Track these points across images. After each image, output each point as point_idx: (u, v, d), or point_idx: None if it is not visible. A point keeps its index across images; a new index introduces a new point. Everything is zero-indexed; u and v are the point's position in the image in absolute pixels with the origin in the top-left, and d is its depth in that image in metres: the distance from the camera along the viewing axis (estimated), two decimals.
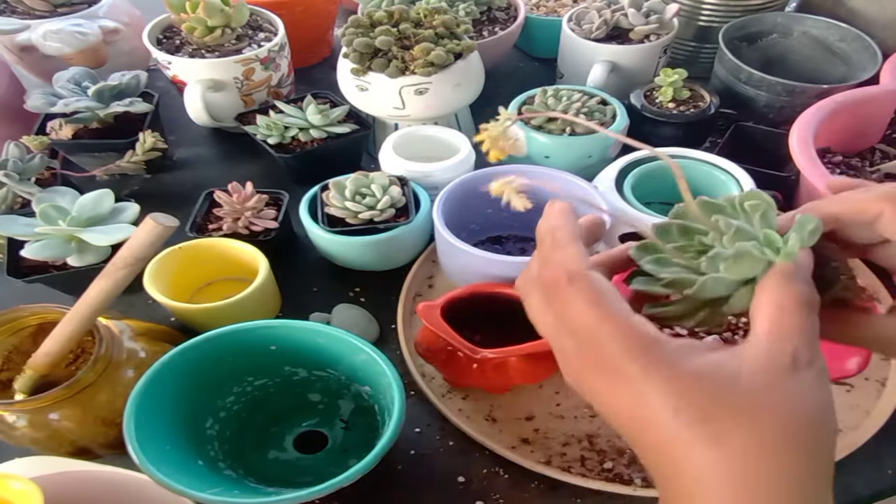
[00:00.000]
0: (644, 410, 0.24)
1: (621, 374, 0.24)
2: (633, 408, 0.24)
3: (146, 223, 0.43)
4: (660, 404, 0.23)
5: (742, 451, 0.23)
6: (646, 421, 0.24)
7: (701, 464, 0.23)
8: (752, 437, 0.23)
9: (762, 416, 0.23)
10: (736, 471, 0.23)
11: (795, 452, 0.23)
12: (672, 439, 0.23)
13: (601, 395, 0.26)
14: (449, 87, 0.65)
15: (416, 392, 0.53)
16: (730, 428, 0.23)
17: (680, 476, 0.24)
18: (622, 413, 0.25)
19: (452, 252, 0.53)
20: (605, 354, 0.25)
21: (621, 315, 0.25)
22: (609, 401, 0.25)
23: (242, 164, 0.75)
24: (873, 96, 0.65)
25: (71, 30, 0.71)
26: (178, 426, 0.44)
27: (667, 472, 0.25)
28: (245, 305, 0.53)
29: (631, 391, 0.24)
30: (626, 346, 0.24)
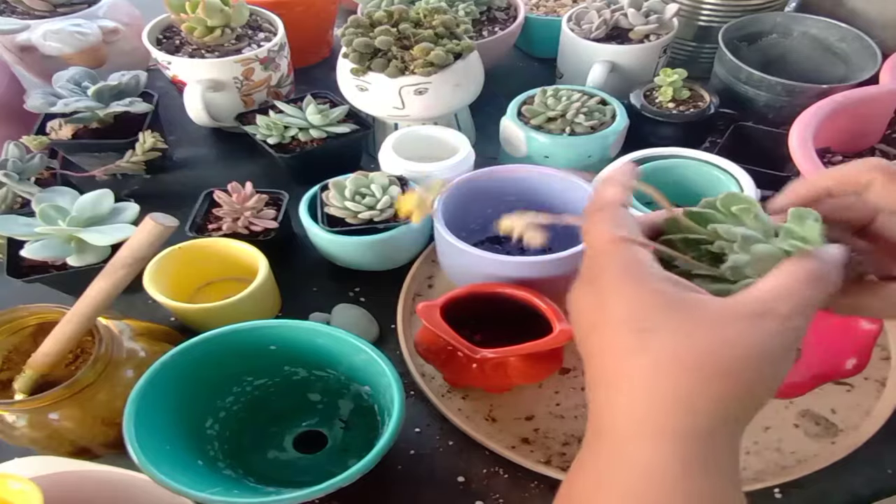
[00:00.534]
0: (599, 315, 0.26)
1: (604, 289, 0.27)
2: (595, 314, 0.27)
3: (146, 223, 0.43)
4: (614, 311, 0.26)
5: (666, 363, 0.24)
6: (594, 325, 0.27)
7: (628, 371, 0.25)
8: (679, 352, 0.24)
9: (697, 336, 0.24)
10: (656, 382, 0.24)
11: (718, 379, 0.24)
12: (610, 345, 0.26)
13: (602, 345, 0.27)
14: (449, 87, 0.65)
15: (416, 392, 0.53)
16: (662, 340, 0.24)
17: (610, 383, 0.26)
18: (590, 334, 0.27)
19: (452, 252, 0.53)
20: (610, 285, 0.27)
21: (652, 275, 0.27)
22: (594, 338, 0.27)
23: (242, 164, 0.75)
24: (873, 96, 0.65)
25: (71, 30, 0.71)
26: (178, 426, 0.44)
27: (599, 378, 0.27)
28: (245, 305, 0.53)
29: (600, 301, 0.27)
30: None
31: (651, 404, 0.25)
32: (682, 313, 0.25)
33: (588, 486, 0.27)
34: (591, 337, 0.28)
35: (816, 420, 0.50)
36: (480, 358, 0.46)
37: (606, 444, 0.27)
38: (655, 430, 0.25)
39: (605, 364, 0.27)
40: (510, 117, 0.66)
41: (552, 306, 0.48)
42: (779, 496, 0.46)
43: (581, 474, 0.28)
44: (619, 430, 0.26)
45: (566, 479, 0.30)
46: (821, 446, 0.48)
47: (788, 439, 0.49)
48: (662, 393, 0.24)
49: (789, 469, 0.47)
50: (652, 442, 0.25)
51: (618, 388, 0.26)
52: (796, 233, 0.27)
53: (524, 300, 0.49)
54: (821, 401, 0.51)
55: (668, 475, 0.24)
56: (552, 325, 0.47)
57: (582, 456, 0.29)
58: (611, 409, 0.26)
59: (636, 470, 0.25)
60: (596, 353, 0.27)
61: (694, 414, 0.24)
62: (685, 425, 0.24)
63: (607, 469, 0.26)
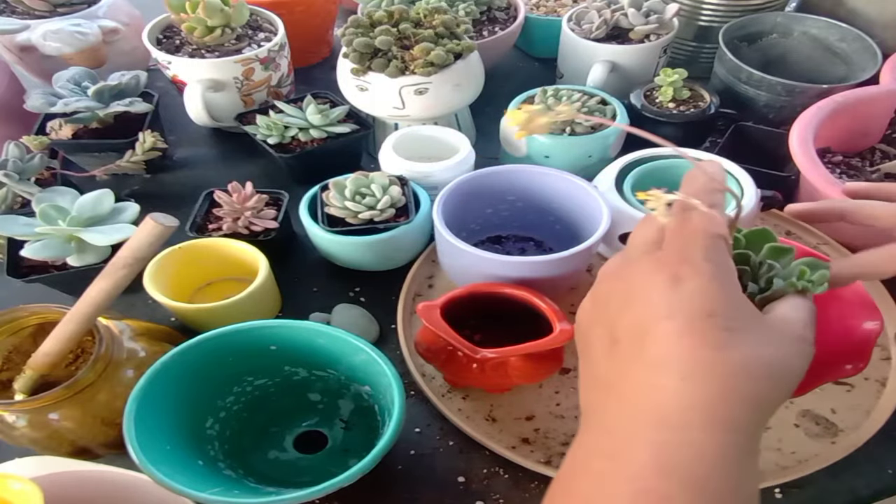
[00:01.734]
0: (671, 297, 0.28)
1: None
2: (664, 295, 0.28)
3: (146, 223, 0.43)
4: (701, 302, 0.27)
5: (748, 364, 0.27)
6: (658, 306, 0.28)
7: (709, 362, 0.27)
8: (757, 357, 0.27)
9: (769, 347, 0.28)
10: (735, 378, 0.26)
11: (774, 386, 0.27)
12: (685, 332, 0.27)
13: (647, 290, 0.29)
14: (449, 87, 0.65)
15: (416, 392, 0.53)
16: (746, 342, 0.27)
17: (670, 368, 0.27)
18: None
19: (453, 252, 0.53)
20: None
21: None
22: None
23: (242, 164, 0.75)
24: (873, 96, 0.65)
25: (71, 30, 0.71)
26: (178, 426, 0.44)
27: (649, 358, 0.28)
28: (245, 305, 0.53)
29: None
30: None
31: (725, 397, 0.26)
32: (759, 324, 0.28)
33: (602, 462, 0.28)
34: (647, 315, 0.28)
35: (816, 420, 0.50)
36: (480, 358, 0.46)
37: (644, 424, 0.27)
38: (723, 419, 0.26)
39: (667, 348, 0.27)
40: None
41: (552, 306, 0.48)
42: (779, 496, 0.46)
43: (595, 450, 0.29)
44: (669, 415, 0.26)
45: (568, 457, 0.30)
46: (821, 446, 0.48)
47: (788, 439, 0.49)
48: (739, 389, 0.26)
49: (789, 469, 0.47)
50: (720, 430, 0.26)
51: (685, 374, 0.26)
52: (808, 276, 0.32)
53: (524, 300, 0.49)
54: (821, 401, 0.51)
55: (732, 460, 0.26)
56: (552, 325, 0.47)
57: (593, 437, 0.29)
58: (665, 393, 0.27)
59: (695, 454, 0.26)
60: (651, 332, 0.28)
61: (753, 411, 0.27)
62: (746, 421, 0.27)
63: (643, 448, 0.26)
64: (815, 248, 0.61)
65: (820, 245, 0.62)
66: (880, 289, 0.57)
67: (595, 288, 0.33)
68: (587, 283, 0.57)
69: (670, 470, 0.25)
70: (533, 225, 0.62)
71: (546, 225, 0.61)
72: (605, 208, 0.53)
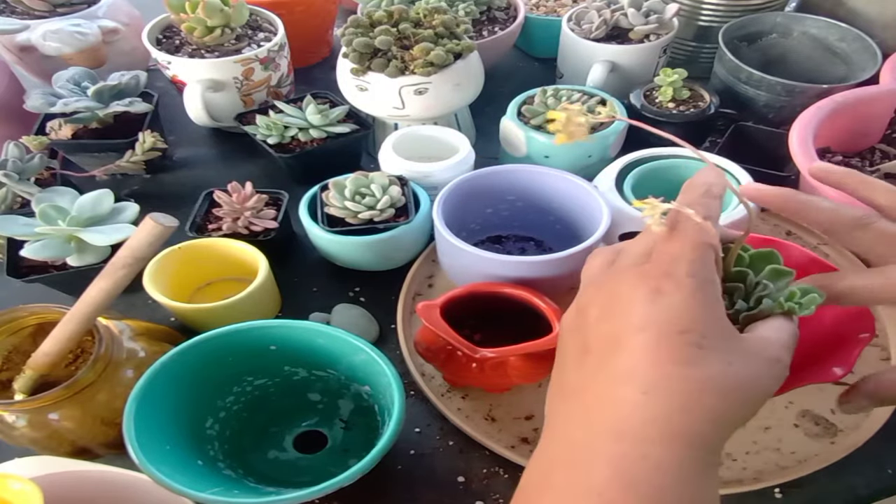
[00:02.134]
0: (649, 310, 0.28)
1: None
2: (641, 307, 0.28)
3: (146, 223, 0.43)
4: (674, 317, 0.27)
5: (713, 382, 0.27)
6: (632, 318, 0.28)
7: (672, 376, 0.27)
8: (724, 375, 0.27)
9: (737, 366, 0.28)
10: (699, 396, 0.27)
11: (740, 405, 0.27)
12: (654, 347, 0.27)
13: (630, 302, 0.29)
14: (449, 87, 0.65)
15: (416, 392, 0.53)
16: (714, 360, 0.27)
17: (636, 381, 0.27)
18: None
19: (453, 252, 0.53)
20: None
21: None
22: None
23: (242, 164, 0.75)
24: (873, 96, 0.65)
25: (70, 30, 0.71)
26: (178, 426, 0.44)
27: (618, 370, 0.28)
28: (245, 305, 0.53)
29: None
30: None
31: (686, 412, 0.26)
32: (732, 343, 0.28)
33: (564, 474, 0.28)
34: (622, 326, 0.28)
35: (816, 420, 0.50)
36: (480, 357, 0.46)
37: (605, 437, 0.27)
38: (683, 434, 0.26)
39: (634, 360, 0.27)
40: (510, 117, 0.66)
41: (552, 306, 0.48)
42: (779, 496, 0.46)
43: (557, 462, 0.29)
44: (629, 428, 0.27)
45: (530, 466, 0.31)
46: (821, 446, 0.48)
47: (788, 439, 0.49)
48: (702, 405, 0.26)
49: (789, 469, 0.47)
50: (679, 444, 0.26)
51: (648, 388, 0.27)
52: (797, 298, 0.32)
53: (524, 300, 0.49)
54: (820, 401, 0.51)
55: (692, 474, 0.26)
56: (552, 324, 0.47)
57: (556, 447, 0.29)
58: (626, 405, 0.27)
59: (652, 466, 0.26)
60: (623, 344, 0.28)
61: (714, 427, 0.27)
62: (706, 436, 0.27)
63: (603, 460, 0.27)
64: (815, 249, 0.61)
65: (820, 245, 0.62)
66: None
67: (580, 294, 0.33)
68: None
69: (629, 483, 0.26)
70: (533, 225, 0.62)
71: (546, 225, 0.61)
72: (605, 208, 0.53)
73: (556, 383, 0.33)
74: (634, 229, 0.57)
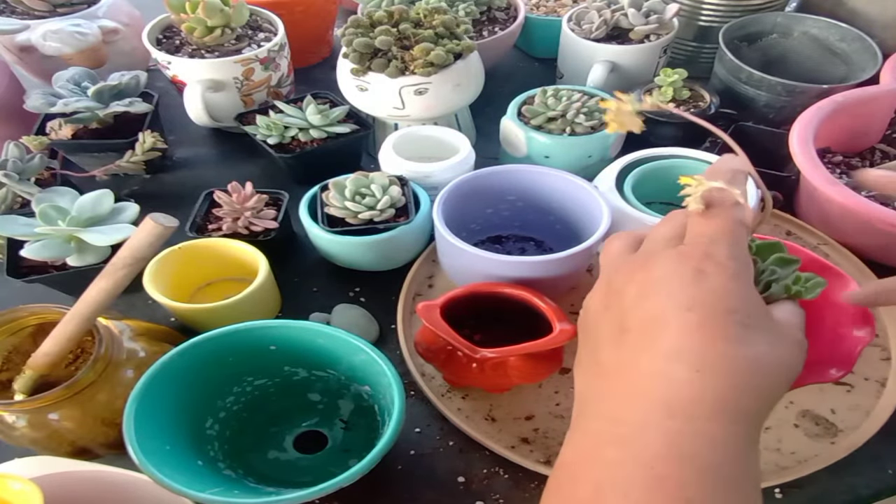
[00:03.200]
0: (693, 290, 0.28)
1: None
2: (686, 289, 0.29)
3: (146, 223, 0.43)
4: (722, 297, 0.28)
5: (761, 360, 0.28)
6: (678, 297, 0.29)
7: (726, 354, 0.27)
8: (768, 354, 0.28)
9: (777, 346, 0.29)
10: (749, 373, 0.28)
11: (779, 383, 0.29)
12: (703, 325, 0.28)
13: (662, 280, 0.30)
14: (449, 87, 0.65)
15: (416, 392, 0.53)
16: (760, 339, 0.28)
17: (685, 358, 0.28)
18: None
19: (453, 252, 0.53)
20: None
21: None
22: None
23: (242, 164, 0.75)
24: (873, 96, 0.65)
25: (70, 30, 0.71)
26: (178, 426, 0.44)
27: (663, 348, 0.28)
28: (245, 305, 0.53)
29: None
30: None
31: (737, 389, 0.27)
32: (771, 324, 0.30)
33: (615, 449, 0.28)
34: (666, 306, 0.29)
35: (816, 420, 0.50)
36: (480, 357, 0.46)
37: (656, 412, 0.27)
38: (733, 410, 0.27)
39: (683, 339, 0.28)
40: (510, 117, 0.66)
41: (552, 306, 0.48)
42: (779, 496, 0.46)
43: (604, 437, 0.29)
44: (681, 404, 0.27)
45: (570, 443, 0.31)
46: (821, 447, 0.48)
47: (788, 439, 0.49)
48: (750, 383, 0.27)
49: (789, 469, 0.47)
50: (730, 420, 0.27)
51: (700, 366, 0.27)
52: (802, 283, 0.33)
53: (524, 300, 0.49)
54: (821, 401, 0.51)
55: (741, 449, 0.27)
56: (552, 324, 0.47)
57: (601, 424, 0.29)
58: (677, 382, 0.27)
59: (706, 442, 0.27)
60: (668, 323, 0.28)
61: (759, 404, 0.28)
62: (752, 412, 0.28)
63: (655, 435, 0.27)
64: (815, 249, 0.61)
65: (820, 245, 0.62)
66: None
67: (609, 277, 0.34)
68: (587, 283, 0.57)
69: (685, 457, 0.26)
70: (533, 225, 0.62)
71: (546, 225, 0.61)
72: (605, 208, 0.53)
73: (590, 362, 0.33)
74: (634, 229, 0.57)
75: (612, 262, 0.35)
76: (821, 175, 0.56)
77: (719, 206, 0.31)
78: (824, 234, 0.62)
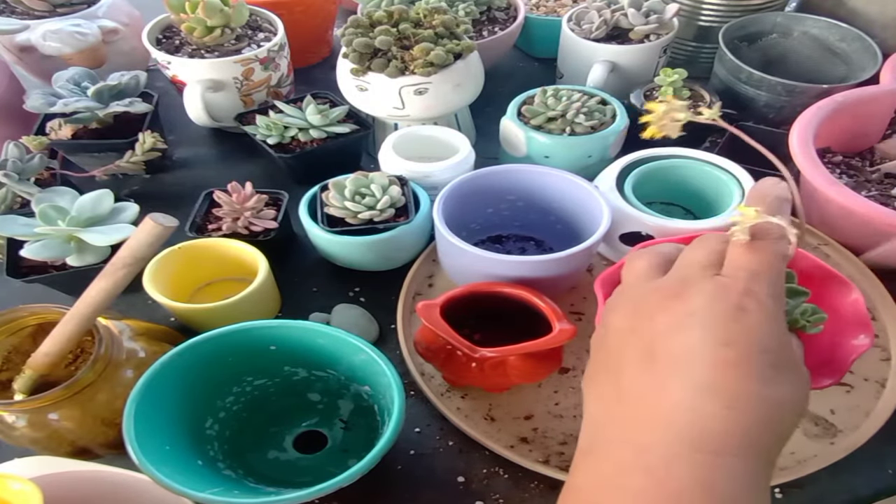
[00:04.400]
0: (733, 328, 0.29)
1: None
2: (727, 326, 0.29)
3: (146, 223, 0.43)
4: (758, 337, 0.29)
5: (787, 402, 0.29)
6: (717, 334, 0.29)
7: (758, 394, 0.28)
8: (794, 396, 0.29)
9: (798, 387, 0.30)
10: (778, 413, 0.29)
11: (795, 424, 0.30)
12: (738, 363, 0.28)
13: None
14: (449, 87, 0.65)
15: (416, 392, 0.53)
16: (787, 382, 0.29)
17: (720, 393, 0.28)
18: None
19: (453, 252, 0.53)
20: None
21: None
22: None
23: (242, 164, 0.75)
24: (873, 96, 0.65)
25: (70, 30, 0.71)
26: (178, 426, 0.44)
27: (693, 380, 0.29)
28: (245, 305, 0.53)
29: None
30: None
31: (761, 428, 0.28)
32: (794, 365, 0.30)
33: (639, 478, 0.28)
34: (703, 339, 0.29)
35: (816, 421, 0.50)
36: (480, 357, 0.46)
37: (683, 444, 0.28)
38: (757, 448, 0.28)
39: (717, 374, 0.28)
40: (510, 117, 0.66)
41: (552, 306, 0.48)
42: (779, 496, 0.46)
43: (627, 465, 0.29)
44: (710, 438, 0.28)
45: (585, 467, 0.31)
46: (820, 447, 0.48)
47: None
48: (773, 423, 0.28)
49: (788, 470, 0.47)
50: (753, 457, 0.28)
51: (731, 403, 0.28)
52: (807, 316, 0.34)
53: (524, 300, 0.49)
54: (820, 402, 0.51)
55: (759, 485, 0.28)
56: (552, 324, 0.47)
57: (625, 452, 0.30)
58: (707, 417, 0.28)
59: (729, 476, 0.27)
60: (704, 357, 0.28)
61: (777, 443, 0.29)
62: (772, 451, 0.29)
63: (682, 467, 0.28)
64: (815, 249, 0.61)
65: (821, 245, 0.62)
66: (881, 290, 0.57)
67: (637, 299, 0.33)
68: (587, 283, 0.57)
69: (707, 489, 0.27)
70: (533, 225, 0.62)
71: (546, 225, 0.61)
72: (605, 208, 0.53)
73: (610, 384, 0.33)
74: (635, 229, 0.57)
75: (639, 283, 0.34)
76: (821, 175, 0.56)
77: (764, 239, 0.30)
78: (824, 234, 0.62)
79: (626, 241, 0.58)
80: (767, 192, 0.32)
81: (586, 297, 0.59)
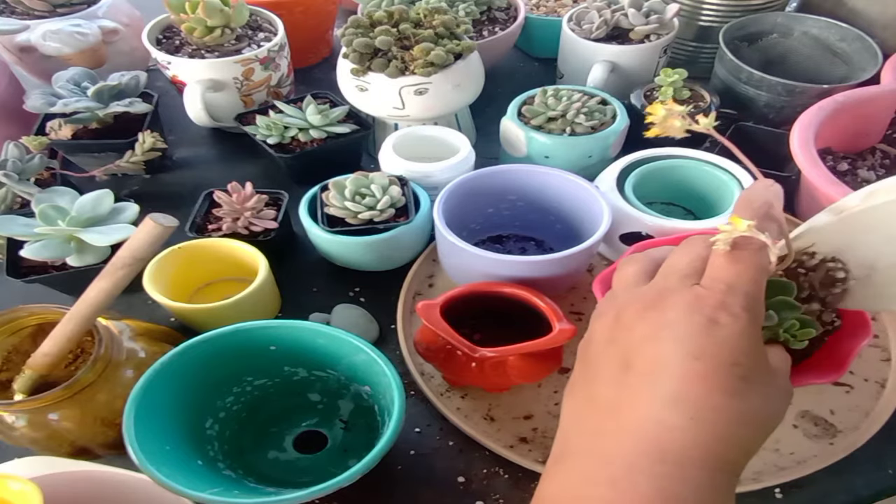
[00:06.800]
0: (704, 340, 0.29)
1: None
2: (699, 338, 0.29)
3: (146, 223, 0.43)
4: (727, 349, 0.29)
5: (751, 415, 0.29)
6: (688, 344, 0.29)
7: (720, 407, 0.28)
8: (762, 409, 0.29)
9: (770, 400, 0.30)
10: (738, 426, 0.28)
11: (764, 437, 0.30)
12: (706, 376, 0.28)
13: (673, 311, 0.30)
14: (449, 88, 0.65)
15: (416, 392, 0.53)
16: (755, 394, 0.29)
17: (684, 406, 0.28)
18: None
19: (453, 252, 0.53)
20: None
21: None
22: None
23: (242, 164, 0.75)
24: (874, 96, 0.65)
25: (70, 30, 0.71)
26: (178, 426, 0.44)
27: (663, 393, 0.29)
28: (245, 305, 0.53)
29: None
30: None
31: (725, 441, 0.28)
32: (768, 378, 0.30)
33: (604, 489, 0.28)
34: (674, 350, 0.29)
35: (815, 421, 0.50)
36: (480, 357, 0.46)
37: (647, 456, 0.28)
38: (720, 461, 0.28)
39: (684, 386, 0.28)
40: (510, 117, 0.66)
41: (552, 306, 0.48)
42: (779, 496, 0.46)
43: (593, 477, 0.29)
44: (671, 450, 0.28)
45: (553, 477, 0.31)
46: (819, 447, 0.48)
47: (787, 440, 0.49)
48: (739, 436, 0.29)
49: (788, 470, 0.47)
50: (716, 469, 0.28)
51: (695, 415, 0.28)
52: (795, 330, 0.34)
53: (524, 300, 0.49)
54: (820, 402, 0.51)
55: (722, 496, 0.28)
56: (552, 324, 0.47)
57: (590, 464, 0.30)
58: (671, 429, 0.28)
59: (693, 488, 0.28)
60: (673, 368, 0.28)
61: (743, 456, 0.29)
62: (737, 464, 0.29)
63: (646, 479, 0.28)
64: None
65: None
66: None
67: (620, 307, 0.33)
68: (587, 283, 0.57)
69: (673, 501, 0.27)
70: (534, 225, 0.62)
71: (547, 225, 0.61)
72: (605, 208, 0.53)
73: (585, 393, 0.33)
74: (635, 229, 0.57)
75: (625, 290, 0.34)
76: (822, 175, 0.56)
77: (744, 249, 0.30)
78: None
79: (626, 242, 0.58)
80: (756, 198, 0.32)
81: (586, 297, 0.59)
